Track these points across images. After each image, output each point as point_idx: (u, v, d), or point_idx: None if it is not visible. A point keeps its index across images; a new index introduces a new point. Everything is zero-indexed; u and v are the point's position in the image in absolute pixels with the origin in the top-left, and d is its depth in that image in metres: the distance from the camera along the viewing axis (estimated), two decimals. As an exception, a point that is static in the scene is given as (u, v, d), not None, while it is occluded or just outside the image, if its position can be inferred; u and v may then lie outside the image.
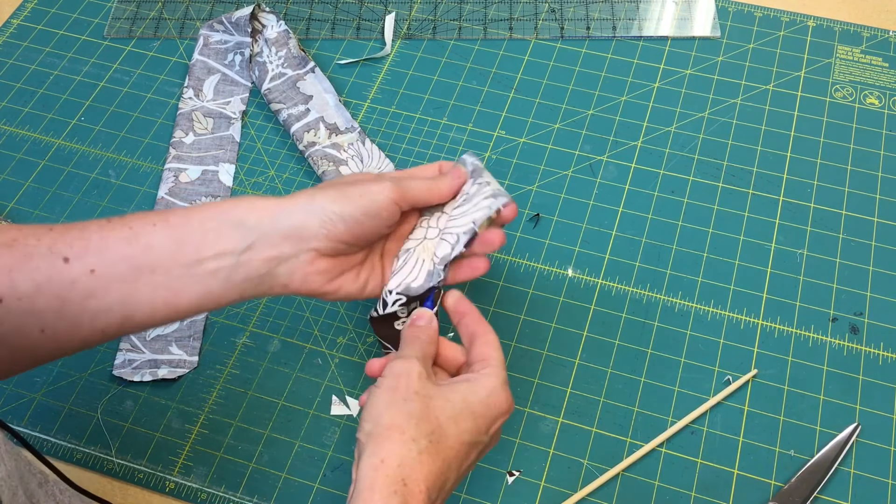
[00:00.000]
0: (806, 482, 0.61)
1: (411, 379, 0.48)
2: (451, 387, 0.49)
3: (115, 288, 0.49)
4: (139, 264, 0.49)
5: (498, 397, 0.50)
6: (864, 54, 0.84)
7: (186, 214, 0.51)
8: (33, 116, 0.83)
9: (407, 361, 0.50)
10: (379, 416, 0.47)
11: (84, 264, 0.48)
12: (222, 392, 0.67)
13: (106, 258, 0.49)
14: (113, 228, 0.50)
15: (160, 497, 0.63)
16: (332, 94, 0.81)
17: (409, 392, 0.48)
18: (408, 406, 0.47)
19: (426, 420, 0.47)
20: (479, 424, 0.49)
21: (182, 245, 0.50)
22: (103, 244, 0.49)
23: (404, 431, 0.46)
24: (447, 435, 0.47)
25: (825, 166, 0.77)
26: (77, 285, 0.48)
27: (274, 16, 0.85)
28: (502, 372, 0.51)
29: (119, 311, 0.49)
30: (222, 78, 0.84)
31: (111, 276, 0.49)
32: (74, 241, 0.49)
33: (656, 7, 0.88)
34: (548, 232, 0.74)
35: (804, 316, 0.69)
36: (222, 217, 0.51)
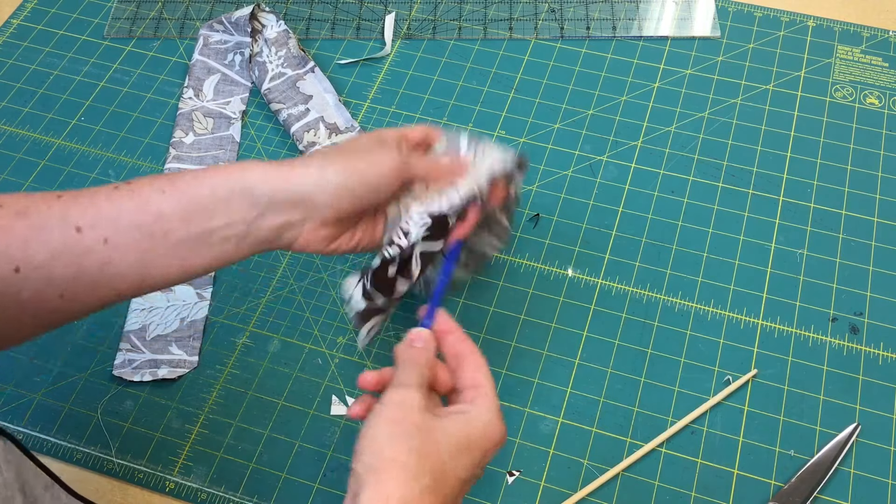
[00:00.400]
0: (806, 482, 0.61)
1: (413, 411, 0.47)
2: (450, 419, 0.48)
3: (128, 255, 0.50)
4: (151, 231, 0.50)
5: (494, 430, 0.49)
6: (864, 54, 0.84)
7: (196, 180, 0.51)
8: (33, 116, 0.83)
9: (407, 391, 0.48)
10: (380, 449, 0.46)
11: (97, 233, 0.49)
12: (222, 392, 0.67)
13: (118, 227, 0.49)
14: (122, 197, 0.50)
15: (160, 497, 0.63)
16: (331, 93, 0.81)
17: (411, 425, 0.47)
18: (410, 441, 0.46)
19: (428, 457, 0.46)
20: (475, 458, 0.48)
21: (193, 213, 0.50)
22: (115, 212, 0.49)
23: (407, 469, 0.45)
24: (447, 473, 0.46)
25: (825, 166, 0.77)
26: (91, 253, 0.49)
27: (274, 16, 0.85)
28: (495, 401, 0.50)
29: (134, 275, 0.50)
30: (222, 78, 0.84)
31: (125, 244, 0.49)
32: (86, 209, 0.49)
33: (656, 7, 0.88)
34: (548, 232, 0.74)
35: (804, 316, 0.69)
36: (233, 185, 0.51)
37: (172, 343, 0.69)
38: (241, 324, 0.70)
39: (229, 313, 0.71)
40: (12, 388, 0.67)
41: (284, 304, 0.71)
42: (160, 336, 0.69)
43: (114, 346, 0.69)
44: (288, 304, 0.71)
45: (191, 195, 0.51)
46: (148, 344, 0.69)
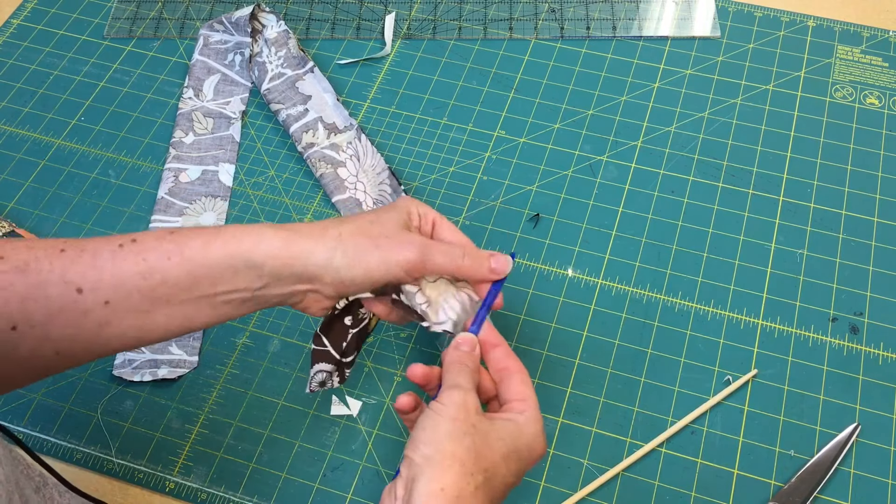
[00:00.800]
0: (806, 482, 0.61)
1: (470, 412, 0.48)
2: (501, 424, 0.49)
3: (129, 317, 0.49)
4: (154, 297, 0.49)
5: (539, 443, 0.50)
6: (864, 54, 0.84)
7: (205, 249, 0.50)
8: (33, 116, 0.83)
9: (466, 393, 0.49)
10: (440, 443, 0.47)
11: (98, 296, 0.48)
12: (222, 392, 0.67)
13: (120, 292, 0.49)
14: (126, 258, 0.49)
15: (160, 497, 0.63)
16: (330, 93, 0.81)
17: (469, 425, 0.48)
18: (468, 440, 0.47)
19: (483, 457, 0.47)
20: (521, 468, 0.49)
21: (198, 281, 0.50)
22: (117, 277, 0.49)
23: (465, 465, 0.46)
24: (498, 474, 0.48)
25: (825, 166, 0.77)
26: (91, 315, 0.48)
27: (274, 16, 0.85)
28: (540, 416, 0.51)
29: (133, 336, 0.50)
30: (222, 78, 0.84)
31: (126, 308, 0.49)
32: (87, 270, 0.48)
33: (656, 7, 0.88)
34: (548, 232, 0.74)
35: (804, 316, 0.69)
36: (240, 257, 0.50)
37: (172, 343, 0.69)
38: (241, 324, 0.70)
39: (229, 313, 0.71)
40: (12, 388, 0.67)
41: (284, 304, 0.71)
42: (160, 336, 0.69)
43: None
44: (288, 304, 0.71)
45: (197, 263, 0.50)
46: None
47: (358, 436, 0.65)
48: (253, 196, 0.77)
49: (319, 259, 0.51)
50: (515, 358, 0.53)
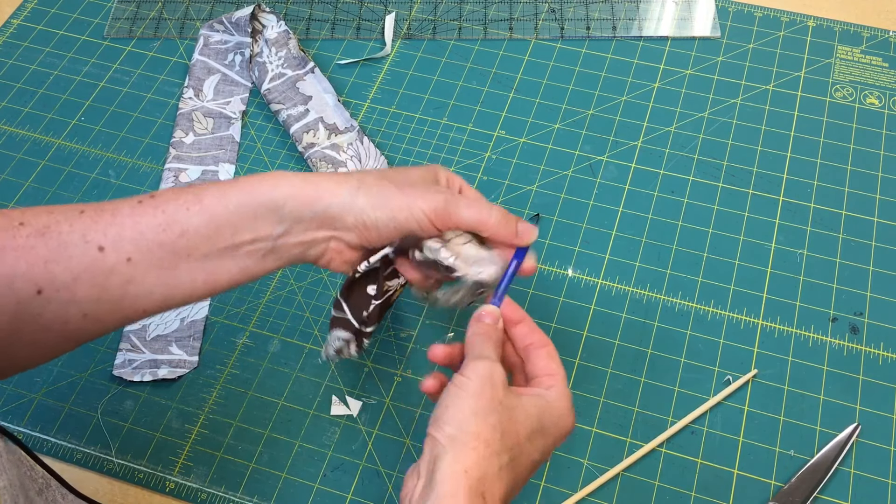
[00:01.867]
0: (806, 482, 0.61)
1: (496, 387, 0.47)
2: (530, 400, 0.48)
3: (152, 273, 0.49)
4: (176, 250, 0.49)
5: (567, 418, 0.49)
6: (864, 54, 0.84)
7: (222, 194, 0.50)
8: (33, 116, 0.83)
9: (491, 365, 0.48)
10: (464, 421, 0.46)
11: (120, 253, 0.48)
12: (222, 392, 0.67)
13: (142, 246, 0.48)
14: (145, 213, 0.49)
15: (160, 497, 0.63)
16: (331, 94, 0.81)
17: (495, 401, 0.47)
18: (494, 417, 0.46)
19: (509, 435, 0.46)
20: (548, 444, 0.49)
21: (218, 229, 0.49)
22: (137, 231, 0.48)
23: (489, 444, 0.45)
24: (523, 453, 0.47)
25: (825, 166, 0.77)
26: (115, 273, 0.48)
27: (274, 16, 0.85)
28: (569, 391, 0.50)
29: (159, 294, 0.50)
30: (222, 78, 0.84)
31: (148, 263, 0.48)
32: (108, 227, 0.48)
33: (656, 7, 0.88)
34: (548, 232, 0.74)
35: (804, 316, 0.69)
36: (259, 200, 0.50)
37: (172, 343, 0.69)
38: (241, 324, 0.70)
39: (229, 313, 0.71)
40: (12, 388, 0.67)
41: (284, 304, 0.71)
42: (160, 336, 0.69)
43: (114, 346, 0.69)
44: (288, 304, 0.71)
45: (216, 212, 0.49)
46: (148, 344, 0.69)
47: (358, 436, 0.65)
48: (253, 196, 0.77)
49: (342, 198, 0.50)
50: (541, 332, 0.52)
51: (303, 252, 0.52)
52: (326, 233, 0.51)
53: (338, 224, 0.51)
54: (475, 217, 0.52)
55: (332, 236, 0.52)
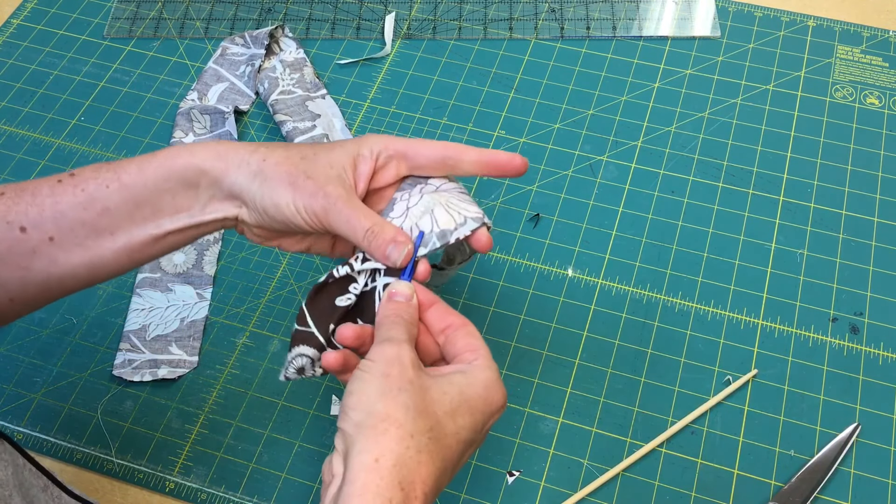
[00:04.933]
0: (806, 482, 0.61)
1: (405, 366, 0.44)
2: (447, 378, 0.45)
3: (75, 253, 0.49)
4: (98, 227, 0.49)
5: (494, 391, 0.46)
6: (864, 54, 0.84)
7: (140, 171, 0.49)
8: (33, 116, 0.83)
9: (398, 346, 0.45)
10: (371, 404, 0.42)
11: (41, 233, 0.48)
12: (222, 392, 0.67)
13: (63, 225, 0.48)
14: (65, 191, 0.49)
15: (160, 497, 0.63)
16: (339, 118, 0.80)
17: (404, 381, 0.43)
18: (403, 396, 0.42)
19: (424, 414, 0.42)
20: (477, 421, 0.45)
21: (139, 207, 0.49)
22: (58, 211, 0.48)
23: (402, 426, 0.41)
24: (446, 432, 0.43)
25: (825, 166, 0.77)
26: (38, 254, 0.48)
27: (294, 42, 0.85)
28: (494, 364, 0.47)
29: (84, 272, 0.50)
30: (230, 86, 0.84)
31: (71, 242, 0.48)
32: (28, 208, 0.48)
33: (656, 7, 0.88)
34: (548, 232, 0.74)
35: (804, 316, 0.69)
36: (177, 177, 0.50)
37: (172, 343, 0.69)
38: (241, 324, 0.70)
39: (229, 313, 0.71)
40: (12, 388, 0.67)
41: (284, 304, 0.71)
42: (160, 336, 0.69)
43: (114, 346, 0.69)
44: (288, 304, 0.71)
45: (135, 188, 0.49)
46: (148, 344, 0.69)
47: (358, 436, 0.65)
48: (253, 196, 0.77)
49: (242, 180, 0.49)
50: (456, 313, 0.49)
51: (219, 227, 0.52)
52: (235, 210, 0.51)
53: (241, 202, 0.50)
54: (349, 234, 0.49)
55: (239, 216, 0.51)
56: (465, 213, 0.51)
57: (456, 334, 0.48)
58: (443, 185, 0.53)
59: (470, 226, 0.51)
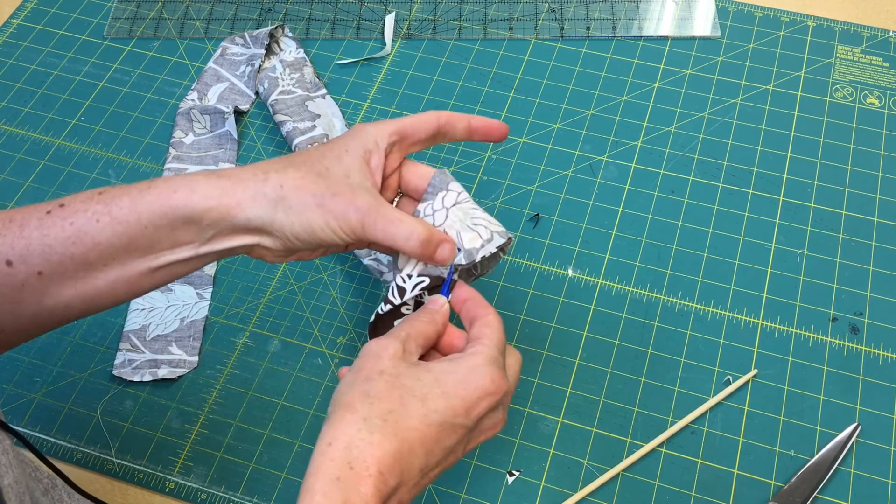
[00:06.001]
0: (806, 482, 0.61)
1: (381, 358, 0.46)
2: (427, 366, 0.46)
3: (67, 286, 0.47)
4: (89, 262, 0.47)
5: (479, 376, 0.46)
6: (864, 54, 0.84)
7: (133, 207, 0.47)
8: (33, 116, 0.83)
9: (383, 340, 0.47)
10: (339, 398, 0.44)
11: (29, 267, 0.46)
12: (222, 392, 0.67)
13: (52, 260, 0.46)
14: (54, 224, 0.46)
15: (160, 497, 0.63)
16: (339, 119, 0.80)
17: (374, 371, 0.45)
18: (367, 385, 0.44)
19: (385, 399, 0.44)
20: (455, 405, 0.45)
21: (132, 242, 0.47)
22: (45, 245, 0.46)
23: (356, 411, 0.43)
24: (410, 414, 0.44)
25: (825, 166, 0.77)
26: (27, 287, 0.46)
27: (294, 42, 0.85)
28: (492, 351, 0.47)
29: (79, 305, 0.48)
30: (229, 86, 0.84)
31: (61, 276, 0.47)
32: (15, 240, 0.46)
33: (656, 7, 0.88)
34: (548, 232, 0.74)
35: (804, 316, 0.69)
36: (174, 214, 0.47)
37: (172, 343, 0.69)
38: (241, 324, 0.70)
39: (229, 313, 0.71)
40: (12, 388, 0.67)
41: (284, 304, 0.71)
42: (160, 336, 0.69)
43: (114, 346, 0.69)
44: (288, 304, 0.71)
45: (128, 224, 0.47)
46: (148, 344, 0.69)
47: (358, 436, 0.65)
48: (253, 196, 0.77)
49: (261, 211, 0.48)
50: (485, 304, 0.50)
51: (231, 252, 0.50)
52: (251, 239, 0.49)
53: (261, 233, 0.49)
54: (388, 244, 0.49)
55: (257, 243, 0.49)
56: (490, 228, 0.53)
57: (475, 325, 0.50)
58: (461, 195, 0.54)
59: (496, 242, 0.52)
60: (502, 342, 0.49)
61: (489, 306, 0.51)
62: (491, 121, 0.55)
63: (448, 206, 0.53)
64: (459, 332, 0.51)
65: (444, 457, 0.46)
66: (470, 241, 0.52)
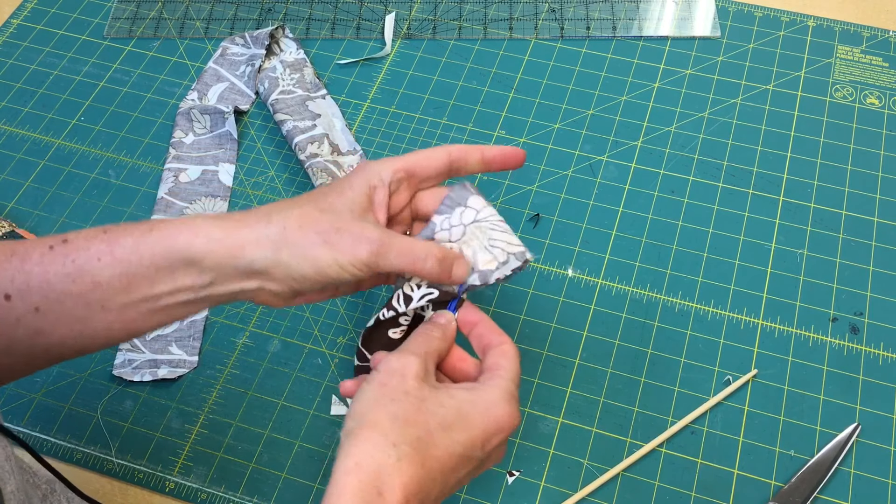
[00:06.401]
0: (806, 482, 0.61)
1: (405, 377, 0.45)
2: (449, 392, 0.46)
3: (63, 324, 0.46)
4: (88, 301, 0.46)
5: (499, 411, 0.46)
6: (864, 54, 0.84)
7: (135, 248, 0.47)
8: (33, 116, 0.83)
9: (404, 357, 0.46)
10: (364, 413, 0.43)
11: (27, 303, 0.45)
12: (222, 392, 0.67)
13: (50, 297, 0.46)
14: (55, 261, 0.46)
15: (160, 497, 0.63)
16: (339, 119, 0.80)
17: (399, 391, 0.44)
18: (394, 406, 0.43)
19: (413, 424, 0.43)
20: (474, 437, 0.45)
21: (133, 282, 0.47)
22: (45, 281, 0.46)
23: (387, 434, 0.42)
24: (436, 444, 0.44)
25: (825, 166, 0.77)
26: (22, 323, 0.46)
27: (294, 43, 0.85)
28: (510, 385, 0.47)
29: (73, 345, 0.47)
30: (230, 86, 0.84)
31: (58, 313, 0.46)
32: (15, 274, 0.46)
33: (656, 7, 0.88)
34: (548, 232, 0.74)
35: (804, 316, 0.69)
36: (175, 256, 0.47)
37: (172, 343, 0.69)
38: (241, 324, 0.70)
39: (229, 313, 0.71)
40: (12, 388, 0.67)
41: (284, 304, 0.71)
42: (160, 336, 0.69)
43: (114, 346, 0.69)
44: (288, 304, 0.71)
45: (129, 264, 0.46)
46: (148, 344, 0.69)
47: (358, 436, 0.65)
48: (253, 196, 0.77)
49: (265, 253, 0.47)
50: (499, 331, 0.50)
51: (231, 299, 0.49)
52: (254, 283, 0.48)
53: (264, 276, 0.48)
54: (406, 267, 0.49)
55: (259, 287, 0.48)
56: (507, 250, 0.52)
57: (491, 353, 0.49)
58: (482, 212, 0.52)
59: (512, 264, 0.52)
60: (518, 375, 0.48)
61: (504, 333, 0.50)
62: (506, 148, 0.54)
63: (466, 222, 0.52)
64: (465, 355, 0.51)
65: (455, 485, 0.46)
66: (485, 262, 0.51)
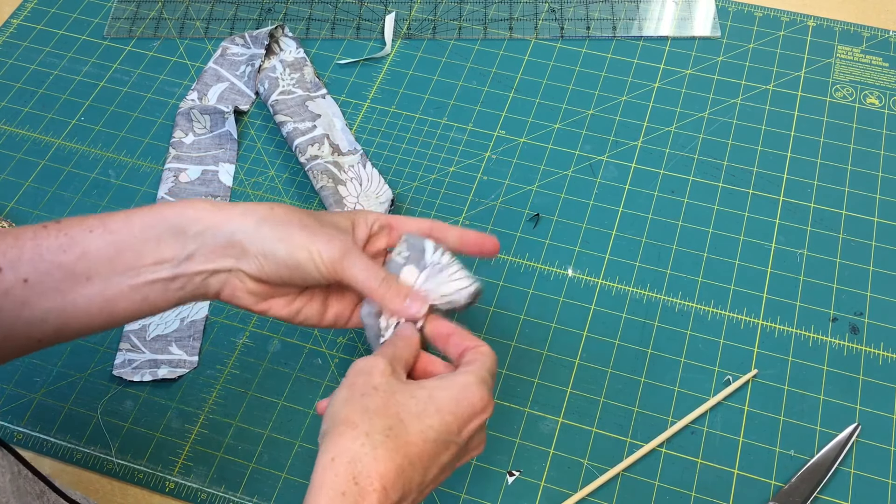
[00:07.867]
0: (806, 482, 0.61)
1: (372, 375, 0.47)
2: (420, 383, 0.47)
3: (49, 297, 0.48)
4: (75, 272, 0.48)
5: (469, 394, 0.47)
6: (864, 54, 0.84)
7: (127, 219, 0.50)
8: (33, 116, 0.83)
9: (371, 358, 0.48)
10: (335, 413, 0.45)
11: (17, 273, 0.47)
12: (222, 392, 0.67)
13: (40, 267, 0.48)
14: (48, 235, 0.48)
15: (160, 497, 0.63)
16: (339, 118, 0.80)
17: (368, 387, 0.46)
18: (364, 401, 0.45)
19: (384, 415, 0.45)
20: (448, 421, 0.46)
21: (120, 251, 0.49)
22: (37, 252, 0.48)
23: (357, 426, 0.44)
24: (408, 430, 0.45)
25: (825, 166, 0.77)
26: (10, 294, 0.47)
27: (294, 42, 0.85)
28: (481, 371, 0.48)
29: (54, 321, 0.49)
30: (230, 87, 0.84)
31: (45, 285, 0.48)
32: (8, 249, 0.48)
33: (656, 7, 0.88)
34: (548, 232, 0.74)
35: (804, 316, 0.69)
36: (164, 224, 0.49)
37: (172, 343, 0.69)
38: (241, 324, 0.70)
39: (229, 313, 0.71)
40: (12, 388, 0.67)
41: (284, 304, 0.71)
42: (160, 336, 0.69)
43: (114, 346, 0.69)
44: (288, 304, 0.71)
45: (119, 234, 0.49)
46: (148, 344, 0.69)
47: (358, 436, 0.65)
48: (253, 196, 0.77)
49: (248, 225, 0.50)
50: (473, 337, 0.51)
51: (204, 281, 0.51)
52: (229, 262, 0.50)
53: (240, 253, 0.50)
54: (362, 282, 0.51)
55: (234, 267, 0.50)
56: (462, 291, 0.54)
57: (466, 354, 0.51)
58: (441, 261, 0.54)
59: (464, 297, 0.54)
60: (494, 368, 0.50)
61: (479, 339, 0.52)
62: (482, 236, 0.56)
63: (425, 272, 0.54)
64: (434, 359, 0.52)
65: (438, 473, 0.47)
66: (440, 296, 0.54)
